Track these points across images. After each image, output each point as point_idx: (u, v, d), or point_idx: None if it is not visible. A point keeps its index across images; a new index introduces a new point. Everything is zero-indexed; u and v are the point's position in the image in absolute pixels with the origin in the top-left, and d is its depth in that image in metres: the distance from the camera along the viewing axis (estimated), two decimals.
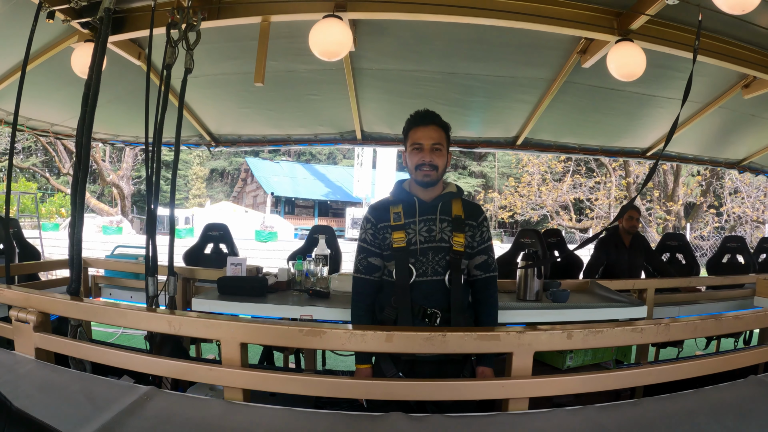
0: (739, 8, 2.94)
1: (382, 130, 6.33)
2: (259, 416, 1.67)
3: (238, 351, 1.81)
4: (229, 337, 1.82)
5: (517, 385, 1.88)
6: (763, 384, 2.14)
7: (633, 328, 2.10)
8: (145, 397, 1.73)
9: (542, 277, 3.40)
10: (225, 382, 1.81)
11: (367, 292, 2.53)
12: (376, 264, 2.51)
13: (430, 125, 2.46)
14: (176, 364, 1.89)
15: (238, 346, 1.82)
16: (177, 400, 1.76)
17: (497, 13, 3.64)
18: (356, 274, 2.56)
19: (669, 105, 5.51)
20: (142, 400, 1.71)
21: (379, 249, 2.49)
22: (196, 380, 1.90)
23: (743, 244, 6.56)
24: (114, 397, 1.72)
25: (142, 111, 3.03)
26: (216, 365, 1.83)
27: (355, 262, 2.57)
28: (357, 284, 2.56)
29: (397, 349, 1.87)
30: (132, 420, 1.59)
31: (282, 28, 3.95)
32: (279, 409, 1.72)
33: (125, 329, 6.54)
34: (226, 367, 1.82)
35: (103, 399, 1.71)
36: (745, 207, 22.76)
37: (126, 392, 1.76)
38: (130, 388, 1.80)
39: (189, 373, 1.87)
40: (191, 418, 1.63)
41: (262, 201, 37.37)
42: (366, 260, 2.52)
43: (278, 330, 1.85)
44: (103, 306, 2.13)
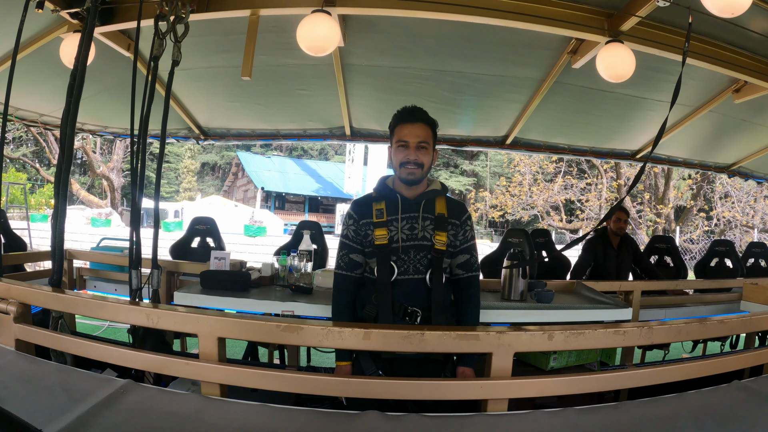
0: (728, 11, 2.94)
1: (371, 127, 6.32)
2: (234, 412, 1.66)
3: (215, 345, 1.79)
4: (206, 331, 1.80)
5: (496, 385, 1.86)
6: (746, 389, 2.12)
7: (616, 331, 2.09)
8: (122, 390, 1.71)
9: (527, 277, 3.40)
10: (202, 377, 1.80)
11: (348, 288, 2.53)
12: (358, 261, 2.50)
13: (416, 122, 2.43)
14: (154, 358, 1.87)
15: (216, 340, 1.80)
16: (154, 394, 1.74)
17: (488, 11, 3.63)
18: (337, 271, 2.55)
19: (659, 107, 5.52)
20: (118, 393, 1.69)
21: (360, 245, 2.48)
22: (173, 374, 1.88)
23: (732, 248, 6.59)
24: (91, 389, 1.70)
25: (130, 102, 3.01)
26: (193, 360, 1.81)
27: (336, 258, 2.57)
28: (338, 281, 2.55)
29: (375, 346, 1.86)
30: (107, 413, 1.57)
31: (271, 23, 3.93)
32: (255, 405, 1.70)
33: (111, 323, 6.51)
34: (203, 362, 1.81)
35: (80, 391, 1.69)
36: (734, 211, 22.90)
37: (103, 385, 1.74)
38: (108, 380, 1.78)
39: (166, 367, 1.85)
40: (167, 413, 1.62)
41: (252, 196, 37.32)
42: (347, 257, 2.51)
43: (256, 325, 1.83)
44: (82, 298, 2.11)
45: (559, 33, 3.90)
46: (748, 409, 1.95)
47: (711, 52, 4.16)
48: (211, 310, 2.70)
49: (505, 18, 3.66)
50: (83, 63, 2.65)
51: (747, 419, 1.85)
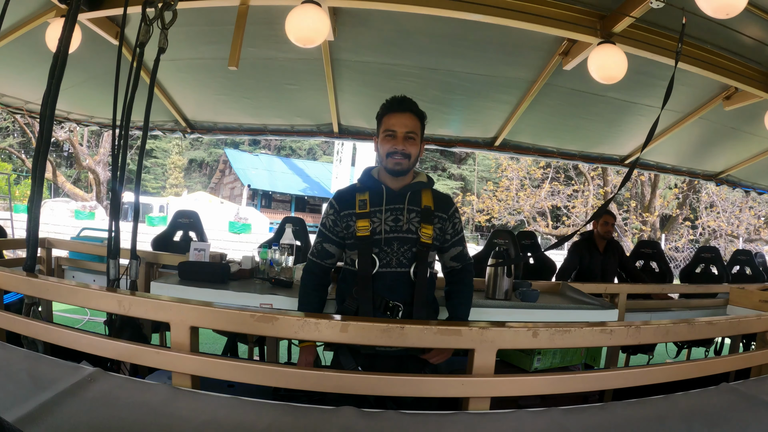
0: (723, 12, 2.91)
1: (360, 124, 6.26)
2: (205, 404, 1.60)
3: (188, 335, 1.73)
4: (178, 320, 1.74)
5: (478, 383, 1.80)
6: (734, 392, 2.10)
7: (602, 329, 2.04)
8: (89, 378, 1.65)
9: (512, 276, 3.36)
10: (173, 367, 1.73)
11: (316, 273, 2.51)
12: (330, 251, 2.47)
13: (405, 112, 2.39)
14: (124, 346, 1.80)
15: (188, 329, 1.73)
16: (122, 383, 1.67)
17: (481, 8, 3.58)
18: (310, 257, 2.53)
19: (649, 113, 5.51)
20: (85, 381, 1.63)
21: (337, 237, 2.44)
22: (144, 364, 1.82)
23: (717, 255, 6.63)
24: (58, 377, 1.64)
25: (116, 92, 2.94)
26: (165, 349, 1.75)
27: (312, 245, 2.54)
28: (308, 265, 2.54)
29: (353, 340, 1.80)
30: (72, 401, 1.51)
31: (261, 14, 3.86)
32: (226, 398, 1.65)
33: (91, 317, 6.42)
34: (174, 352, 1.74)
35: (46, 379, 1.63)
36: (720, 221, 23.08)
37: (71, 373, 1.68)
38: (75, 368, 1.72)
39: (136, 356, 1.78)
40: (133, 402, 1.56)
41: (239, 193, 37.17)
42: (321, 245, 2.48)
43: (229, 314, 1.76)
44: (54, 283, 2.04)
45: (551, 33, 3.86)
46: (737, 410, 1.93)
47: (703, 57, 4.15)
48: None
49: (498, 16, 3.63)
50: (66, 45, 2.58)
51: (737, 421, 1.82)
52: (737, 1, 2.84)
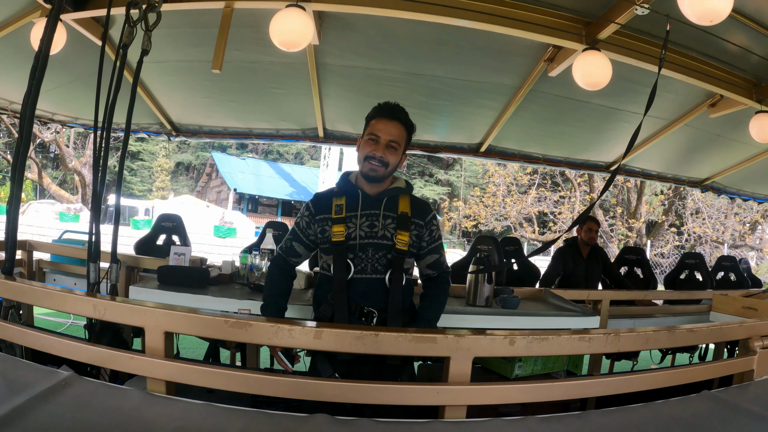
0: (707, 19, 2.94)
1: (345, 129, 6.26)
2: (177, 409, 1.57)
3: (162, 340, 1.71)
4: (153, 324, 1.71)
5: (453, 391, 1.79)
6: (715, 399, 2.08)
7: (581, 337, 2.01)
8: (63, 383, 1.62)
9: (492, 283, 3.36)
10: (147, 373, 1.71)
11: (282, 266, 2.54)
12: (298, 250, 2.49)
13: (393, 120, 2.37)
14: (98, 351, 1.77)
15: (163, 334, 1.71)
16: (96, 388, 1.65)
17: (466, 13, 3.61)
18: (278, 250, 2.56)
19: (634, 119, 5.54)
20: (59, 386, 1.60)
21: (307, 239, 2.45)
22: (117, 369, 1.78)
23: (701, 261, 6.65)
24: (32, 381, 1.61)
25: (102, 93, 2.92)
26: (139, 354, 1.72)
27: (283, 240, 2.56)
28: (274, 257, 2.57)
29: (327, 346, 1.78)
30: (45, 405, 1.49)
31: (245, 17, 3.85)
32: (199, 404, 1.62)
33: (74, 320, 6.36)
34: (149, 357, 1.72)
35: (20, 383, 1.60)
36: (705, 227, 23.29)
37: (45, 377, 1.65)
38: (50, 373, 1.69)
39: (110, 361, 1.75)
40: (106, 407, 1.53)
41: (225, 197, 37.03)
42: (291, 242, 2.50)
43: (203, 320, 1.73)
44: (29, 286, 2.01)
45: (536, 39, 3.88)
46: (716, 419, 1.90)
47: (688, 64, 4.19)
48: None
49: (484, 21, 3.65)
50: (47, 44, 2.55)
51: (716, 429, 1.81)
52: (721, 7, 2.87)
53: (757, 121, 4.74)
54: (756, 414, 1.92)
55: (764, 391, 2.27)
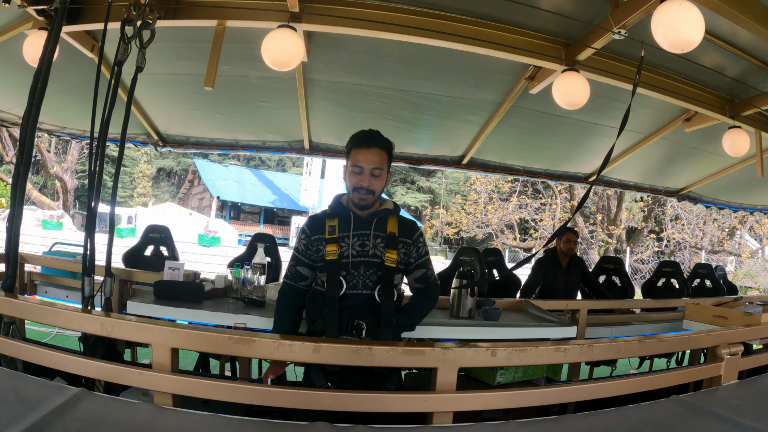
0: (678, 48, 3.10)
1: (330, 142, 6.38)
2: (186, 422, 1.68)
3: (169, 356, 1.81)
4: (160, 341, 1.81)
5: (440, 399, 1.92)
6: (684, 404, 2.22)
7: (557, 348, 2.17)
8: (75, 398, 1.70)
9: (475, 296, 3.50)
10: (155, 387, 1.80)
11: (291, 295, 2.62)
12: (304, 273, 2.59)
13: (372, 148, 2.50)
14: (108, 367, 1.86)
15: (169, 351, 1.81)
16: (107, 403, 1.74)
17: (450, 36, 3.74)
18: (285, 279, 2.65)
19: (611, 133, 5.71)
20: (71, 401, 1.68)
21: (309, 260, 2.57)
22: (126, 384, 1.88)
23: (678, 269, 6.86)
24: (44, 397, 1.69)
25: (90, 104, 2.98)
26: (147, 369, 1.82)
27: (286, 268, 2.66)
28: (283, 288, 2.65)
29: (324, 360, 1.90)
30: (61, 421, 1.57)
31: (236, 33, 3.96)
32: (206, 416, 1.73)
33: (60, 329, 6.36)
34: (156, 372, 1.81)
35: (33, 399, 1.68)
36: (684, 233, 23.65)
37: (57, 393, 1.73)
38: (61, 389, 1.77)
39: (120, 376, 1.85)
40: (119, 422, 1.62)
41: (207, 204, 36.79)
42: (295, 268, 2.61)
43: (209, 337, 1.85)
44: (37, 305, 2.07)
45: (517, 60, 4.03)
46: (683, 421, 2.04)
47: (663, 83, 4.37)
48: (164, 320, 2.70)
49: (467, 44, 3.79)
50: (48, 64, 2.64)
51: (681, 429, 1.96)
52: (692, 38, 3.03)
53: (730, 135, 4.95)
54: (721, 417, 2.07)
55: (730, 396, 2.42)
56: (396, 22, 3.66)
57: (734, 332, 2.78)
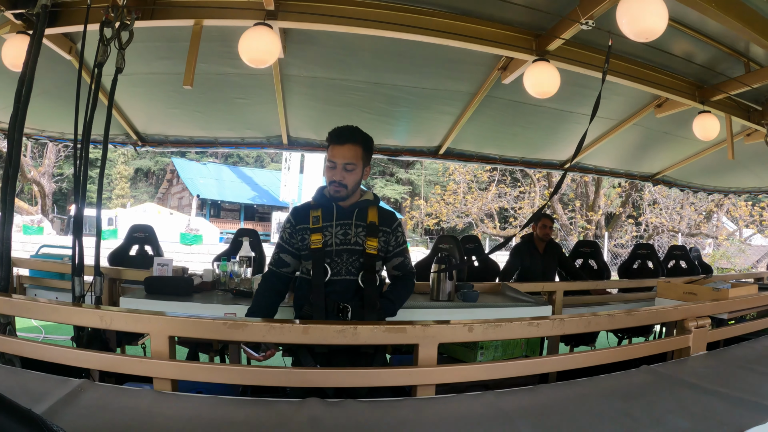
0: (642, 36, 3.25)
1: (308, 136, 6.46)
2: (186, 404, 1.77)
3: (167, 344, 1.91)
4: (158, 330, 1.91)
5: (423, 372, 2.08)
6: (652, 372, 2.42)
7: (530, 323, 2.38)
8: (79, 388, 1.79)
9: (453, 279, 3.63)
10: (155, 374, 1.90)
11: (271, 280, 2.75)
12: (286, 260, 2.72)
13: (345, 144, 2.63)
14: (108, 357, 1.96)
15: (167, 339, 1.91)
16: (110, 391, 1.83)
17: (423, 30, 3.85)
18: (269, 265, 2.79)
19: (584, 120, 5.73)
20: (76, 391, 1.77)
21: (293, 248, 2.69)
22: (127, 372, 1.95)
23: (653, 251, 7.08)
24: (48, 389, 1.77)
25: (69, 106, 3.01)
26: (146, 358, 1.91)
27: (271, 255, 2.81)
28: (265, 274, 2.80)
29: (313, 340, 2.03)
30: (68, 409, 1.65)
31: (214, 32, 4.02)
32: (205, 398, 1.83)
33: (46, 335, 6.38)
34: (155, 359, 1.91)
35: (38, 392, 1.75)
36: (662, 218, 23.99)
37: (60, 385, 1.82)
38: (64, 381, 1.85)
39: (121, 365, 1.94)
40: (124, 406, 1.72)
41: (187, 203, 36.45)
42: (278, 255, 2.74)
43: (204, 323, 1.96)
44: (33, 302, 2.17)
45: (489, 51, 4.15)
46: (651, 387, 2.22)
47: (633, 71, 4.52)
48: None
49: (439, 36, 3.90)
50: (32, 69, 2.69)
51: (649, 395, 2.11)
52: (656, 27, 3.19)
53: (699, 120, 5.14)
54: (688, 383, 2.24)
55: (699, 365, 2.60)
56: (370, 17, 3.75)
57: (701, 306, 2.95)
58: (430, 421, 1.82)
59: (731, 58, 4.57)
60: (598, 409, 1.96)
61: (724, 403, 2.02)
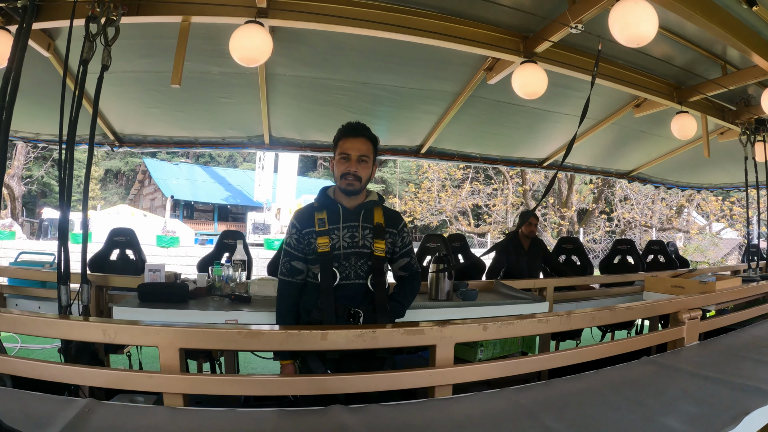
0: (634, 42, 3.32)
1: (291, 136, 6.38)
2: (203, 419, 1.71)
3: (177, 357, 1.82)
4: (168, 343, 1.82)
5: (441, 373, 2.08)
6: (654, 363, 2.55)
7: (539, 320, 2.45)
8: (86, 410, 1.70)
9: (452, 278, 3.63)
10: (166, 389, 1.82)
11: (290, 293, 2.65)
12: (299, 267, 2.63)
13: (359, 137, 2.60)
14: (116, 374, 1.87)
15: (177, 351, 1.83)
16: (120, 411, 1.74)
17: (411, 30, 3.82)
18: (280, 277, 2.67)
19: (565, 120, 5.96)
20: (84, 413, 1.67)
21: (302, 253, 2.61)
22: (136, 389, 1.86)
23: (633, 246, 7.20)
24: (52, 411, 1.67)
25: (46, 106, 2.92)
26: (155, 373, 1.82)
27: (280, 265, 2.69)
28: (281, 286, 2.68)
29: (332, 346, 1.99)
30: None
31: (200, 29, 3.91)
32: (223, 411, 1.76)
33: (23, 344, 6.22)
34: (165, 374, 1.83)
35: (41, 415, 1.66)
36: (634, 213, 24.40)
37: (64, 406, 1.72)
38: (68, 401, 1.76)
39: (128, 382, 1.86)
40: (138, 426, 1.64)
41: (160, 204, 35.95)
42: (289, 263, 2.63)
43: (217, 334, 1.88)
44: (29, 316, 2.00)
45: (477, 52, 4.16)
46: (657, 377, 2.34)
47: (614, 72, 4.60)
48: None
49: (427, 37, 3.88)
50: (18, 65, 2.56)
51: (657, 385, 2.22)
52: (647, 33, 3.25)
53: (678, 120, 5.31)
54: (689, 372, 2.40)
55: (693, 354, 2.77)
56: (360, 17, 3.71)
57: (693, 299, 3.08)
58: (457, 420, 1.83)
59: (709, 60, 4.69)
60: (611, 399, 2.04)
61: (726, 388, 2.16)
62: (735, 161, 7.33)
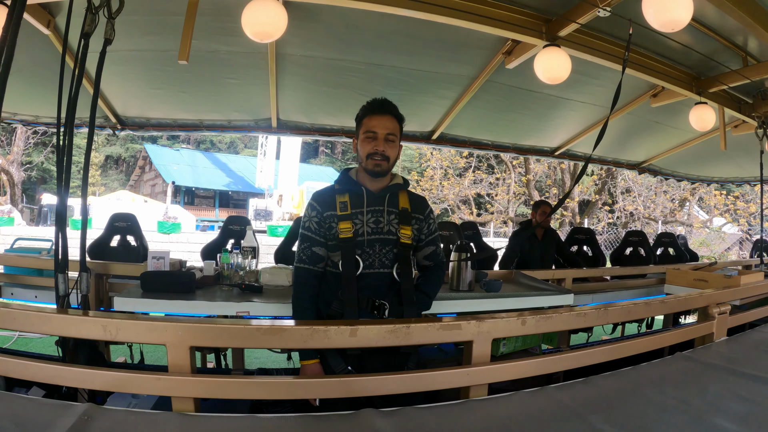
0: (669, 27, 3.16)
1: (299, 119, 6.19)
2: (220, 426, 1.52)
3: (187, 356, 1.63)
4: (176, 340, 1.63)
5: (479, 372, 1.93)
6: (689, 359, 2.50)
7: (578, 314, 2.32)
8: (86, 417, 1.50)
9: (475, 268, 3.46)
10: (176, 393, 1.63)
11: (311, 282, 2.44)
12: (320, 254, 2.43)
13: (386, 114, 2.39)
14: (119, 376, 1.67)
15: (188, 350, 1.64)
16: (123, 418, 1.54)
17: (430, 7, 3.61)
18: (299, 264, 2.45)
19: (580, 108, 5.83)
20: (82, 420, 1.48)
21: (323, 238, 2.41)
22: (143, 392, 1.69)
23: (644, 238, 7.09)
24: (47, 419, 1.48)
25: (44, 87, 2.74)
26: (163, 374, 1.63)
27: (297, 251, 2.47)
28: (300, 275, 2.45)
29: (362, 343, 1.81)
30: None
31: (208, 5, 3.70)
32: (240, 417, 1.58)
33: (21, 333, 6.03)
34: (174, 375, 1.64)
35: (36, 423, 1.47)
36: (636, 205, 24.32)
37: (60, 412, 1.52)
38: (65, 407, 1.56)
39: (132, 384, 1.66)
40: None
41: (160, 190, 35.86)
42: (310, 249, 2.42)
43: (233, 330, 1.69)
44: (22, 310, 1.79)
45: (498, 34, 3.96)
46: (695, 374, 2.29)
47: (634, 59, 4.44)
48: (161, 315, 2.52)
49: (446, 15, 3.67)
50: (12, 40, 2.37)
51: (698, 382, 2.15)
52: (682, 18, 3.09)
53: (696, 111, 5.18)
54: (726, 368, 2.34)
55: (724, 350, 2.71)
56: None
57: (722, 293, 3.02)
58: (500, 423, 1.70)
59: (729, 51, 4.55)
60: (656, 398, 1.96)
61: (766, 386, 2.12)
62: (747, 155, 7.25)
